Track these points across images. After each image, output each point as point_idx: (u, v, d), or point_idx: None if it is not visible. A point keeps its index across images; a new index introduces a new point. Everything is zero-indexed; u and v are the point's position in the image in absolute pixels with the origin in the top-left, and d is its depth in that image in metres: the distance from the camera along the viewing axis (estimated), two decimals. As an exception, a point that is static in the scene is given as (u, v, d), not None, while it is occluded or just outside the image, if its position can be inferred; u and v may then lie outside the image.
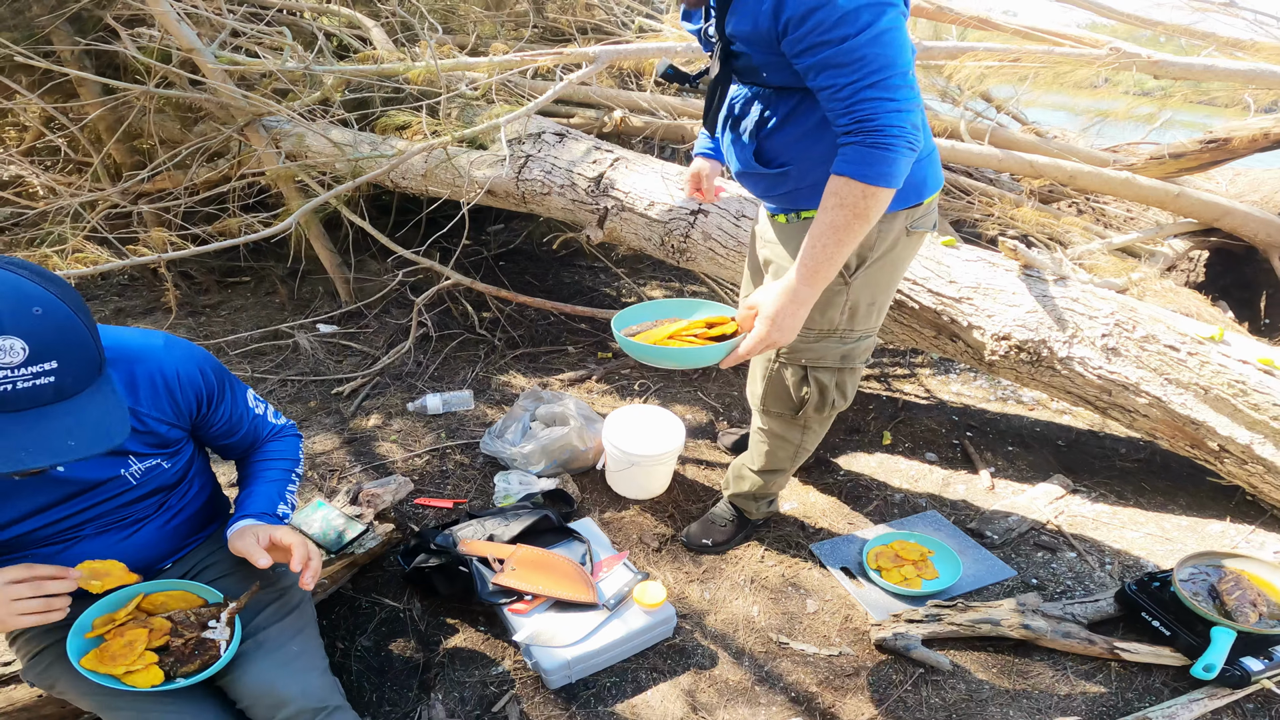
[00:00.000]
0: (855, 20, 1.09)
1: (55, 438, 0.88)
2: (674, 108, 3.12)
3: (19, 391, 0.85)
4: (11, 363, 0.84)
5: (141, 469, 1.18)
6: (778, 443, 1.77)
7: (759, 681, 1.62)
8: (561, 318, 3.12)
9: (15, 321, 0.84)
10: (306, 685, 1.19)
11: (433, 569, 1.71)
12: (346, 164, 2.68)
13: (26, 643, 1.23)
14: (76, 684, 1.16)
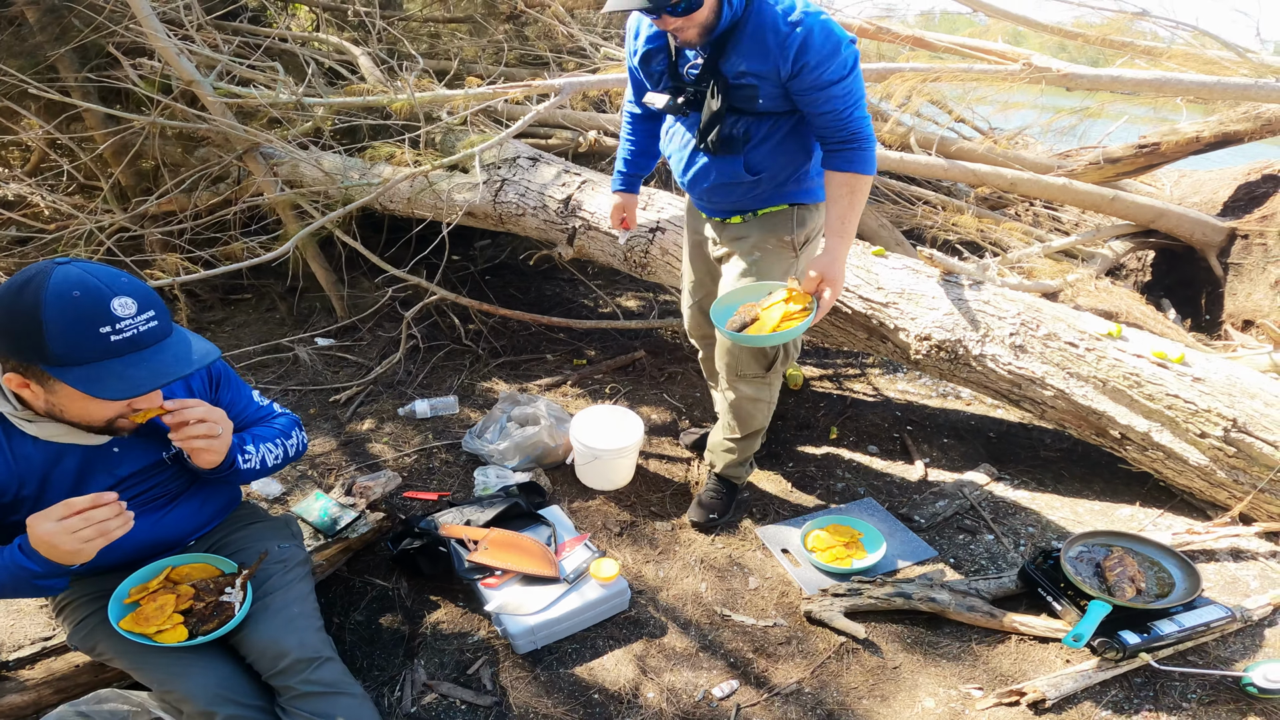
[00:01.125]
0: (846, 65, 1.61)
1: (178, 361, 1.12)
2: None
3: (143, 333, 1.10)
4: (130, 314, 1.08)
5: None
6: (753, 405, 2.08)
7: (703, 649, 1.81)
8: (541, 328, 3.35)
9: (117, 284, 1.09)
10: (304, 639, 1.39)
11: (417, 550, 1.92)
12: (338, 190, 2.91)
13: (73, 611, 1.42)
14: (114, 644, 1.36)
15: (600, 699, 1.69)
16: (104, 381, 1.06)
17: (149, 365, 1.10)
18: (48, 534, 1.11)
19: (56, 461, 1.25)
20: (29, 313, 1.04)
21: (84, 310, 1.05)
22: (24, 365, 1.09)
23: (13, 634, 1.88)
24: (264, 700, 1.37)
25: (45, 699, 1.58)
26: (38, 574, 1.16)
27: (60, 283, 1.05)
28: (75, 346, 1.05)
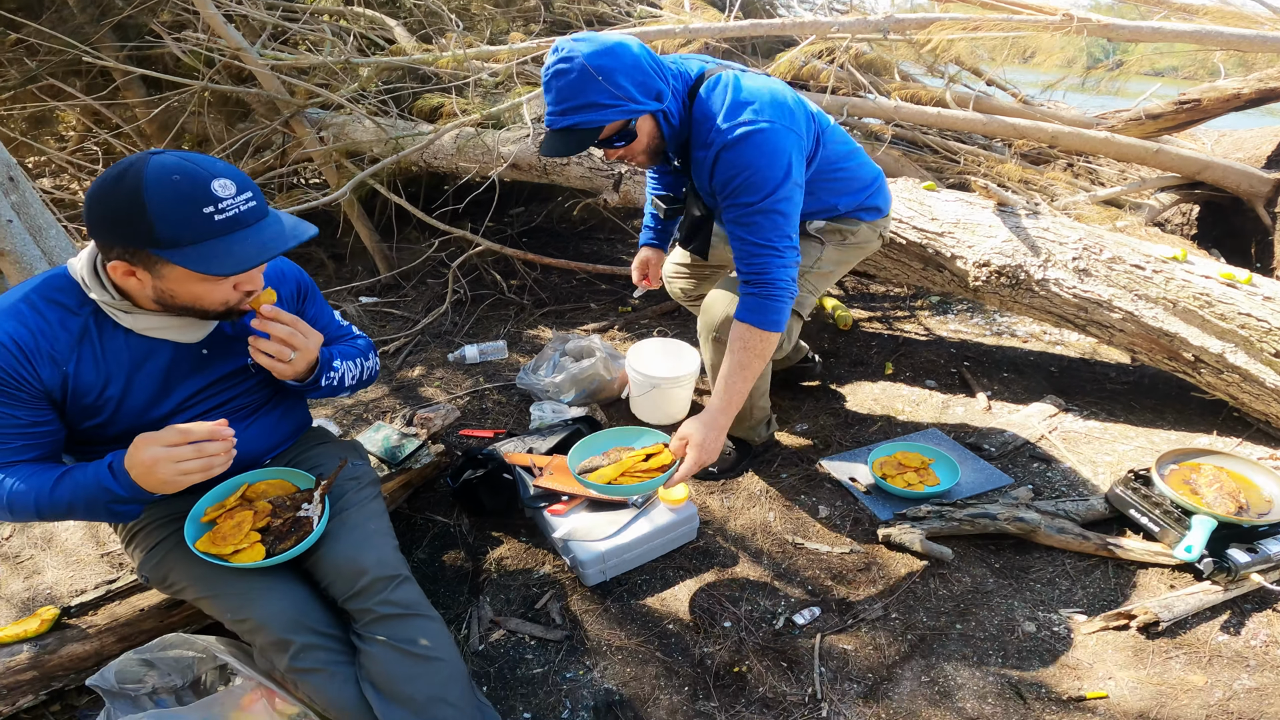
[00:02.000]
0: (763, 188, 1.49)
1: (279, 237, 1.12)
2: None
3: (244, 212, 1.09)
4: (231, 194, 1.08)
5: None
6: None
7: (778, 577, 1.77)
8: (584, 279, 3.35)
9: (214, 168, 1.08)
10: (382, 556, 1.33)
11: (479, 481, 1.88)
12: (385, 146, 2.92)
13: (145, 537, 1.37)
14: (187, 571, 1.30)
15: (675, 630, 1.64)
16: (214, 259, 1.06)
17: (253, 242, 1.09)
18: (151, 458, 1.09)
19: (144, 360, 1.23)
20: (131, 198, 1.03)
21: (186, 192, 1.04)
22: (131, 252, 1.07)
23: (72, 583, 1.86)
24: (339, 630, 1.31)
25: (108, 648, 1.54)
26: (119, 498, 1.13)
27: (158, 169, 1.04)
28: (181, 227, 1.04)
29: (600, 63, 1.40)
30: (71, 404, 1.19)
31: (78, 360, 1.18)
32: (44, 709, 1.52)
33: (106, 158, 3.63)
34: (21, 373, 1.13)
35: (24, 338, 1.13)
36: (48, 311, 1.16)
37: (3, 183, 1.51)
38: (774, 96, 1.53)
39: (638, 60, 1.44)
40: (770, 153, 1.49)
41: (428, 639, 1.28)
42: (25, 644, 1.49)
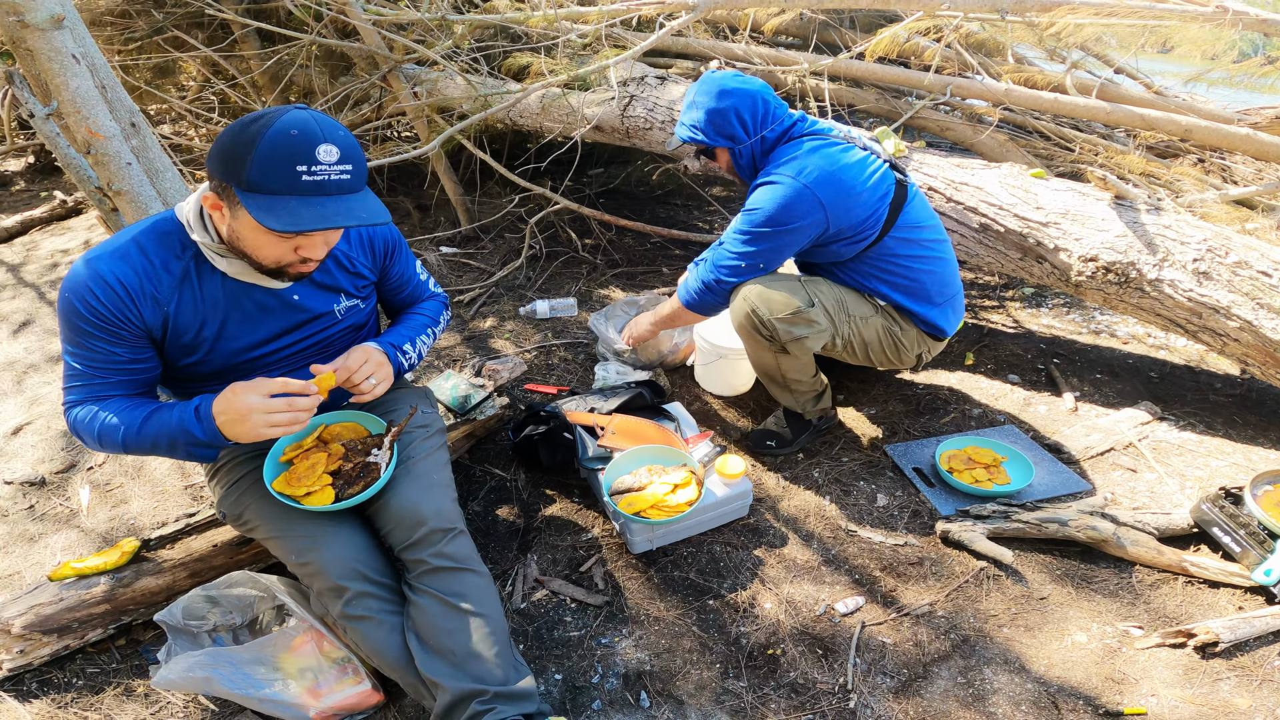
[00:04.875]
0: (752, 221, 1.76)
1: (355, 212, 1.13)
2: (767, 56, 3.22)
3: (331, 181, 1.11)
4: (330, 161, 1.10)
5: (345, 307, 1.44)
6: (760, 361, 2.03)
7: (825, 562, 1.73)
8: (658, 243, 3.33)
9: (332, 134, 1.11)
10: (441, 507, 1.38)
11: (540, 437, 1.92)
12: (474, 103, 2.96)
13: (227, 473, 1.45)
14: (261, 510, 1.37)
15: (715, 606, 1.64)
16: (275, 212, 1.08)
17: (321, 210, 1.10)
18: (246, 407, 1.15)
19: (237, 303, 1.29)
20: (250, 138, 1.07)
21: (292, 146, 1.08)
22: (223, 185, 1.12)
23: (155, 515, 1.98)
24: (392, 579, 1.38)
25: (179, 583, 1.60)
26: (198, 441, 1.19)
27: (287, 120, 1.09)
28: (268, 176, 1.08)
29: (703, 98, 1.78)
30: (170, 343, 1.27)
31: (178, 301, 1.24)
32: (110, 643, 1.61)
33: (222, 107, 3.84)
34: (126, 313, 1.19)
35: (129, 279, 1.19)
36: (153, 254, 1.22)
37: (125, 128, 1.62)
38: (823, 171, 1.71)
39: (732, 108, 1.76)
40: (776, 201, 1.72)
41: (474, 594, 1.33)
42: (103, 576, 1.56)
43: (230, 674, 1.34)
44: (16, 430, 2.38)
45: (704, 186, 3.71)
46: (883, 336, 1.93)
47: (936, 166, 2.36)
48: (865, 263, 1.86)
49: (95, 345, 1.20)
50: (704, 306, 1.91)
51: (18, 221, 4.23)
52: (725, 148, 1.82)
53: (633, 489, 1.73)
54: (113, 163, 1.60)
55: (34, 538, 1.93)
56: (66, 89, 1.53)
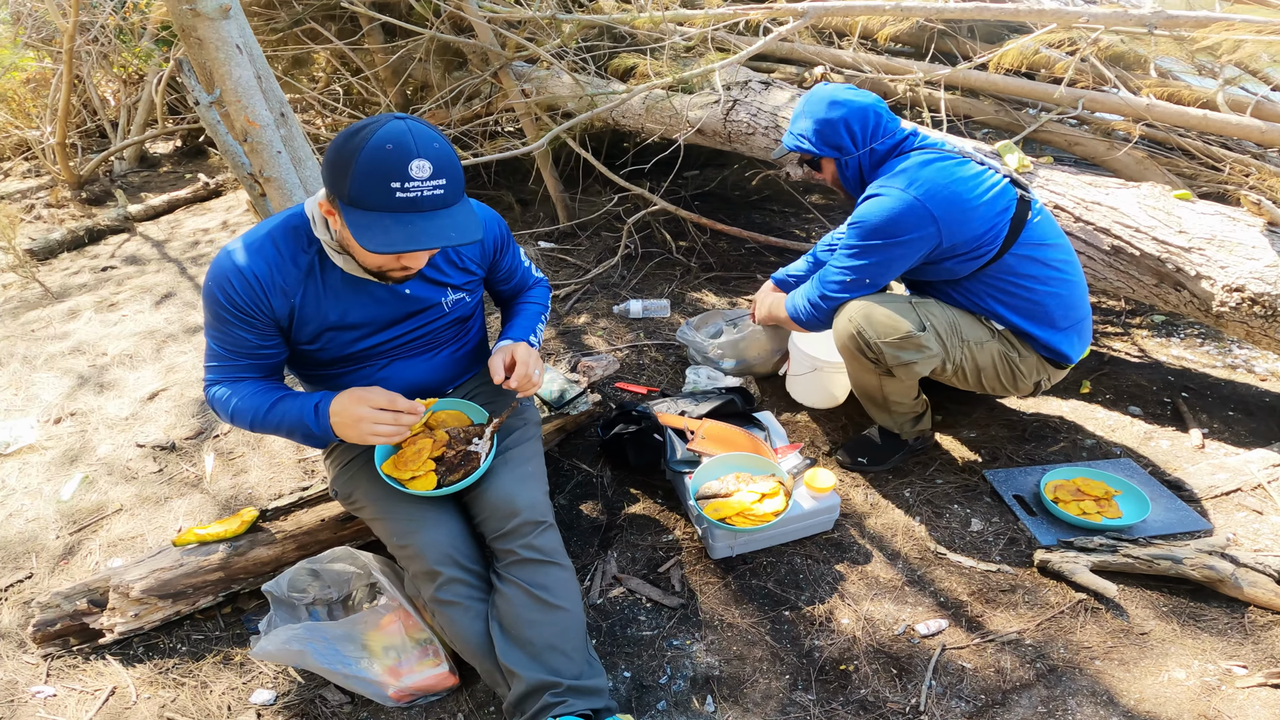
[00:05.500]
0: (858, 235, 1.72)
1: (446, 230, 1.15)
2: (878, 64, 3.13)
3: (425, 197, 1.13)
4: (422, 177, 1.12)
5: (452, 300, 1.50)
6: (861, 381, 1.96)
7: (909, 583, 1.68)
8: (752, 248, 3.30)
9: (426, 148, 1.13)
10: (534, 499, 1.43)
11: (629, 437, 1.95)
12: (580, 102, 3.03)
13: (342, 453, 1.54)
14: (369, 491, 1.45)
15: (791, 617, 1.62)
16: (369, 231, 1.12)
17: (413, 229, 1.13)
18: (356, 417, 1.27)
19: (355, 298, 1.37)
20: (351, 152, 1.11)
21: (387, 163, 1.10)
22: (331, 196, 1.18)
23: (270, 486, 2.12)
24: (482, 567, 1.43)
25: (287, 554, 1.69)
26: (313, 435, 1.32)
27: (384, 134, 1.11)
28: (365, 192, 1.11)
29: (813, 108, 1.78)
30: (295, 331, 1.37)
31: (303, 294, 1.33)
32: (216, 610, 1.73)
33: (346, 98, 4.08)
34: (258, 303, 1.29)
35: (263, 272, 1.29)
36: (284, 248, 1.31)
37: (275, 117, 1.76)
38: (935, 184, 1.65)
39: (841, 119, 1.74)
40: (884, 213, 1.68)
41: (557, 587, 1.37)
42: (222, 544, 1.66)
43: (323, 649, 1.42)
44: (152, 396, 2.62)
45: (803, 193, 3.65)
46: (998, 362, 1.84)
47: (1064, 184, 2.23)
48: (982, 282, 1.78)
49: (231, 331, 1.31)
50: (811, 324, 1.90)
51: (165, 201, 4.64)
52: (831, 158, 1.80)
53: (719, 495, 1.73)
54: (265, 150, 1.73)
55: (160, 501, 2.11)
56: (230, 78, 1.65)
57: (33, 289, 3.59)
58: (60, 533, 2.02)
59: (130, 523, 2.03)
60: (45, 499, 2.15)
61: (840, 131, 1.75)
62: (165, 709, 1.52)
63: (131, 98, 5.57)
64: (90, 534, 2.00)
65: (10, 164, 5.72)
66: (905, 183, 1.66)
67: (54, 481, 2.22)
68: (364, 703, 1.50)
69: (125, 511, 2.07)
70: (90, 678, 1.60)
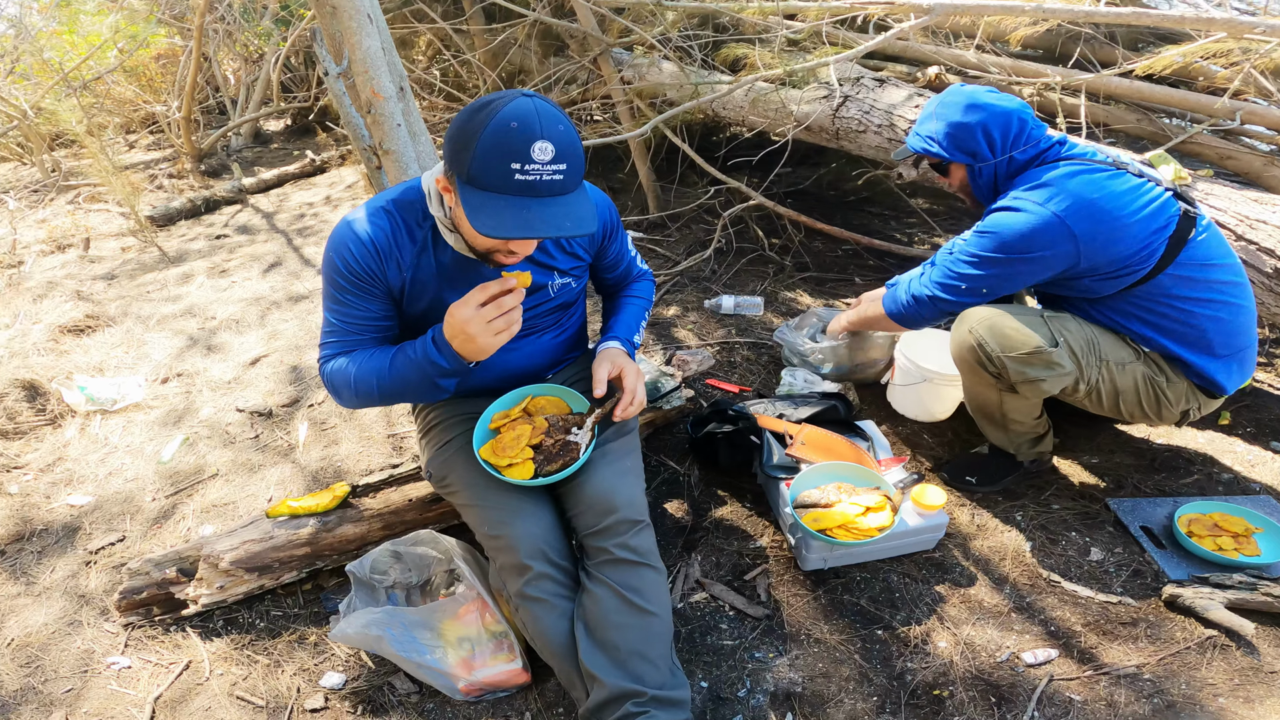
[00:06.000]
0: (980, 245, 1.63)
1: (560, 219, 1.09)
2: (1005, 66, 2.95)
3: (543, 182, 1.08)
4: (543, 159, 1.07)
5: (558, 284, 1.47)
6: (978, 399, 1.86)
7: (1017, 609, 1.58)
8: (850, 250, 3.19)
9: (551, 129, 1.07)
10: (632, 497, 1.38)
11: (723, 436, 1.88)
12: (682, 91, 2.98)
13: (439, 433, 1.52)
14: (464, 475, 1.43)
15: (883, 636, 1.54)
16: (482, 212, 1.08)
17: (525, 214, 1.08)
18: (464, 320, 1.17)
19: (462, 276, 1.35)
20: (475, 128, 1.07)
21: (509, 142, 1.05)
22: (450, 174, 1.15)
23: (360, 459, 2.14)
24: (571, 564, 1.39)
25: (373, 533, 1.67)
26: (443, 370, 1.25)
27: (510, 111, 1.06)
28: (484, 171, 1.07)
29: (947, 110, 1.67)
30: (405, 306, 1.36)
31: (415, 269, 1.32)
32: (298, 586, 1.72)
33: (443, 80, 4.17)
34: (376, 271, 1.28)
35: (380, 239, 1.28)
36: (400, 220, 1.30)
37: (395, 91, 1.78)
38: (1080, 198, 1.53)
39: (980, 123, 1.63)
40: (1015, 228, 1.57)
41: (649, 591, 1.32)
42: (312, 518, 1.65)
43: (399, 635, 1.40)
44: (254, 361, 2.72)
45: (910, 196, 3.50)
46: (1142, 386, 1.68)
47: (1226, 199, 2.04)
48: (1128, 302, 1.64)
49: (350, 300, 1.31)
50: (908, 319, 1.80)
51: (275, 175, 4.88)
52: (963, 164, 1.69)
53: (819, 504, 1.66)
54: (387, 123, 1.75)
55: (254, 469, 2.16)
56: (359, 48, 1.67)
57: (150, 253, 3.80)
58: (157, 495, 2.08)
59: (224, 489, 2.09)
60: (146, 459, 2.23)
61: (977, 137, 1.64)
62: (236, 687, 1.53)
63: (251, 76, 5.87)
64: (185, 498, 2.06)
65: (137, 136, 6.11)
66: (1046, 196, 1.54)
67: (156, 441, 2.31)
68: (431, 693, 1.48)
69: (221, 477, 2.13)
70: (168, 650, 1.61)
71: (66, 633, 1.68)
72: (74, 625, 1.70)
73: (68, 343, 2.87)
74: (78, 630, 1.68)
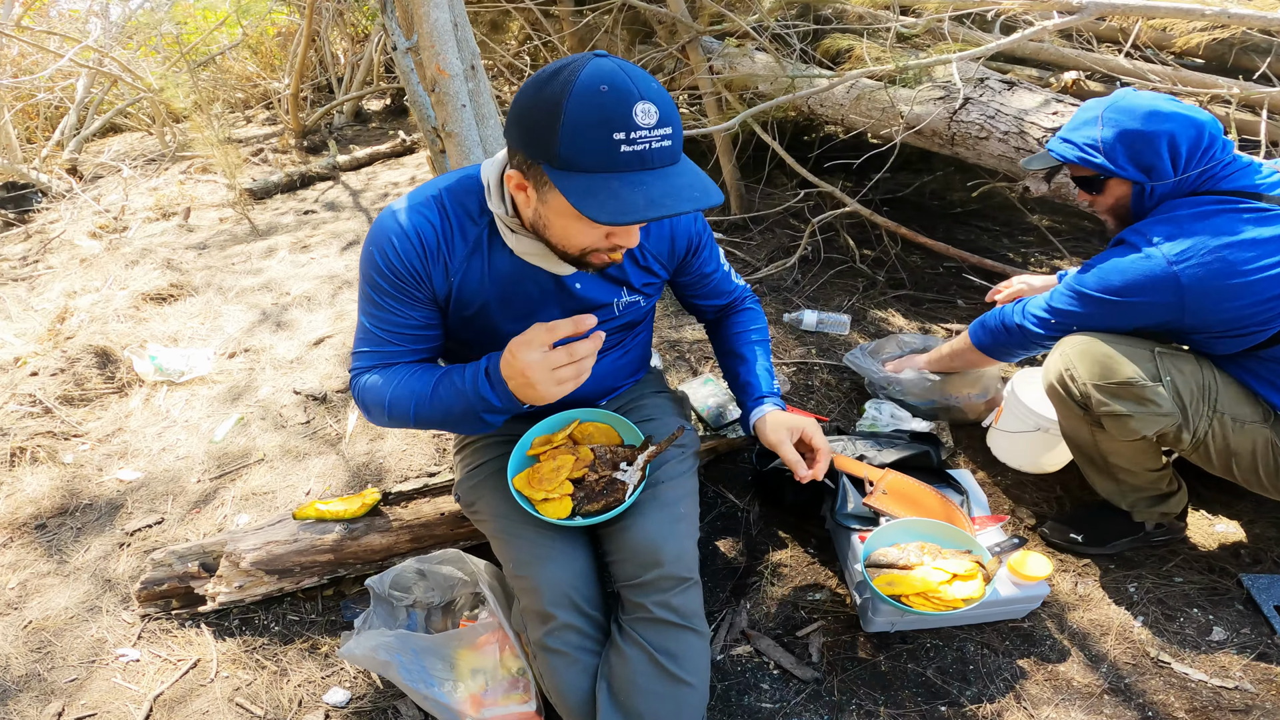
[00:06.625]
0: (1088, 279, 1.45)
1: (683, 191, 0.91)
2: (1168, 76, 2.55)
3: (654, 150, 0.90)
4: (650, 124, 0.89)
5: (625, 302, 1.28)
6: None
7: (1111, 691, 1.39)
8: (953, 268, 2.88)
9: (646, 87, 0.89)
10: (682, 551, 1.22)
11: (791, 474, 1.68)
12: (775, 84, 2.76)
13: (473, 454, 1.38)
14: (495, 506, 1.28)
15: (948, 714, 1.36)
16: (597, 198, 0.89)
17: (648, 191, 0.90)
18: (526, 364, 0.99)
19: (519, 283, 1.17)
20: (553, 101, 0.89)
21: (605, 108, 0.87)
22: (529, 163, 0.96)
23: (403, 458, 2.06)
24: (601, 614, 1.24)
25: (400, 545, 1.59)
26: (495, 409, 1.08)
27: (593, 74, 0.88)
28: (582, 150, 0.89)
29: (1120, 115, 1.42)
30: (452, 314, 1.19)
31: (465, 272, 1.14)
32: (318, 590, 1.67)
33: (532, 64, 4.09)
34: (421, 272, 1.12)
35: (428, 235, 1.11)
36: (454, 214, 1.13)
37: (465, 69, 1.67)
38: (1204, 250, 1.31)
39: (1166, 134, 1.37)
40: (1124, 269, 1.40)
41: (687, 658, 1.16)
42: (339, 524, 1.58)
43: (409, 662, 1.31)
44: (318, 341, 2.70)
45: (1031, 212, 3.14)
46: (1262, 452, 1.41)
47: None
48: (1257, 361, 1.41)
49: (389, 305, 1.14)
50: (995, 348, 1.68)
51: (367, 154, 5.00)
52: (1130, 180, 1.43)
53: (896, 565, 1.43)
54: (451, 103, 1.65)
55: (299, 457, 2.12)
56: (427, 20, 1.57)
57: (243, 225, 3.91)
58: (202, 477, 2.07)
59: (267, 476, 2.06)
60: (199, 437, 2.23)
61: (1160, 151, 1.38)
62: (238, 693, 1.48)
63: (356, 55, 6.04)
64: (228, 482, 2.05)
65: (254, 111, 6.39)
66: (1164, 235, 1.35)
67: (213, 418, 2.31)
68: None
69: (266, 463, 2.11)
70: (179, 645, 1.58)
71: (84, 619, 1.67)
72: (93, 611, 1.69)
73: (148, 310, 2.96)
74: (95, 617, 1.67)
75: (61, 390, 2.38)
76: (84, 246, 3.66)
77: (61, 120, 5.48)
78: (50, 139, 5.22)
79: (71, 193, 4.43)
